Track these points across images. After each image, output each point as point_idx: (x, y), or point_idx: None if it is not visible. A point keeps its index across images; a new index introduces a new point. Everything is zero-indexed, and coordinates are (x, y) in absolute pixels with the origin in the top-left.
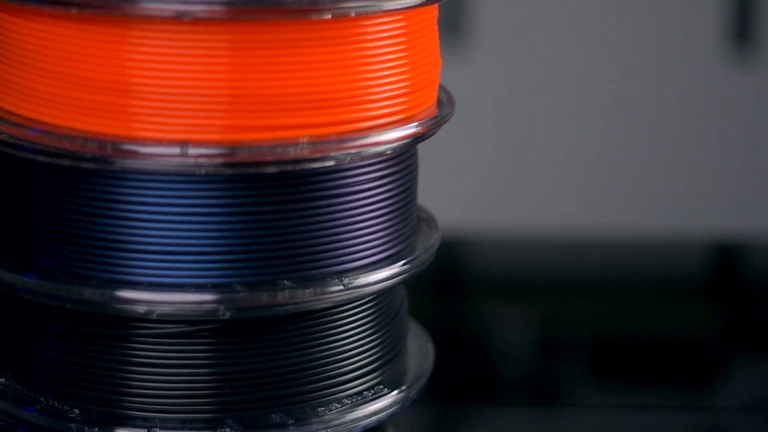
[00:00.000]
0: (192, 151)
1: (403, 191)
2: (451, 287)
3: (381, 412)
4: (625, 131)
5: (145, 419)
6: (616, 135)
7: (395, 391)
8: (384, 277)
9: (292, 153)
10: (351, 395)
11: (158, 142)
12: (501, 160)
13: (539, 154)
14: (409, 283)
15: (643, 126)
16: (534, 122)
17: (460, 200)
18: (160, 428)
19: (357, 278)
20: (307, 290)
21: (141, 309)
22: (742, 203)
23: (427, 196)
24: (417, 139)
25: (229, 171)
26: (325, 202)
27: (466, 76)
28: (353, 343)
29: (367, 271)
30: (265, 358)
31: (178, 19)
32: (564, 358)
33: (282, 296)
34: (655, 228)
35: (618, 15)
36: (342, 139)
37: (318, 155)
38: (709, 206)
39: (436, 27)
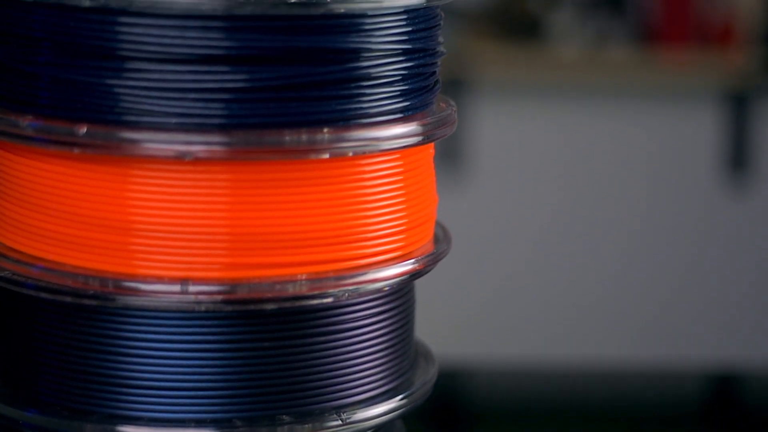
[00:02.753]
0: (192, 288)
1: (401, 326)
2: (449, 417)
3: None
4: (622, 262)
5: None
6: (613, 266)
7: None
8: (382, 411)
9: (291, 290)
10: None
11: (159, 279)
12: (498, 291)
13: (536, 284)
14: (407, 415)
15: (640, 257)
16: (531, 253)
17: (457, 331)
18: None
19: (355, 413)
20: (306, 425)
21: None
22: (737, 333)
23: (424, 328)
24: (414, 275)
25: (228, 308)
26: (323, 338)
27: (464, 207)
28: None
29: (365, 406)
30: None
31: (178, 159)
32: None
33: None
34: (652, 357)
35: (615, 146)
36: (340, 276)
37: (316, 292)
38: (706, 336)
39: (433, 164)
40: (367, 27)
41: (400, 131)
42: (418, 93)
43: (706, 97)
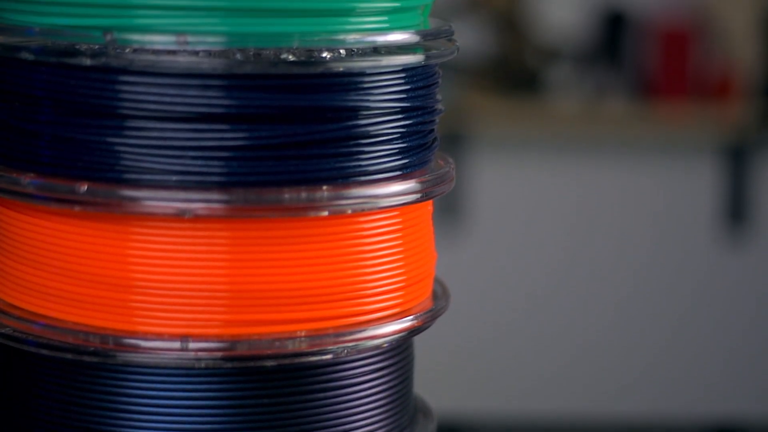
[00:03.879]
0: (192, 345)
1: (399, 383)
2: None
3: None
4: (621, 315)
5: None
6: (612, 319)
7: None
8: None
9: (291, 347)
10: None
11: (159, 336)
12: (497, 346)
13: (536, 339)
14: None
15: (639, 309)
16: (530, 307)
17: (456, 387)
18: None
19: None
20: None
21: None
22: (736, 386)
23: (423, 383)
24: (413, 332)
25: (228, 365)
26: (322, 395)
27: (463, 261)
28: None
29: None
30: None
31: (178, 216)
32: None
33: None
34: (650, 411)
35: (614, 199)
36: (339, 333)
37: (315, 349)
38: (705, 389)
39: (431, 221)
40: (366, 85)
41: (399, 189)
42: (417, 151)
43: (704, 150)
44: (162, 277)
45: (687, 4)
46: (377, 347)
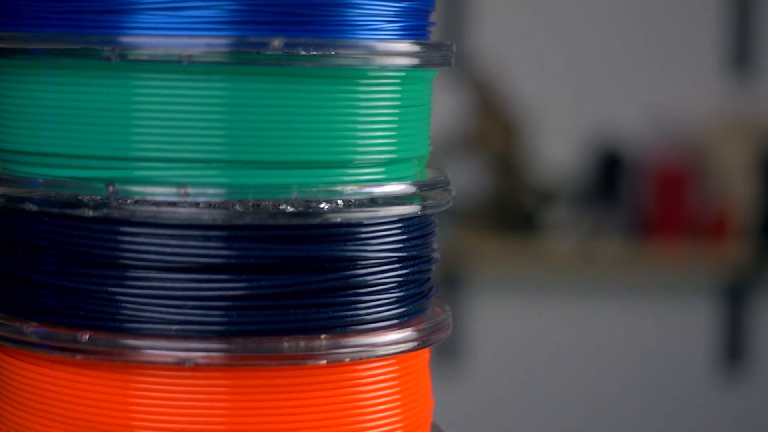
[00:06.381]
0: None
1: None
2: None
3: None
4: None
5: None
6: None
7: None
8: None
9: None
10: None
11: None
12: None
13: None
14: None
15: None
16: None
17: None
18: None
19: None
20: None
21: None
22: None
23: None
24: None
25: None
26: None
27: (462, 402)
28: None
29: None
30: None
31: (179, 365)
32: None
33: None
34: None
35: (611, 339)
36: None
37: None
38: None
39: (428, 368)
40: (363, 236)
41: (396, 337)
42: (414, 299)
43: (701, 290)
44: (163, 425)
45: (682, 144)
46: None
